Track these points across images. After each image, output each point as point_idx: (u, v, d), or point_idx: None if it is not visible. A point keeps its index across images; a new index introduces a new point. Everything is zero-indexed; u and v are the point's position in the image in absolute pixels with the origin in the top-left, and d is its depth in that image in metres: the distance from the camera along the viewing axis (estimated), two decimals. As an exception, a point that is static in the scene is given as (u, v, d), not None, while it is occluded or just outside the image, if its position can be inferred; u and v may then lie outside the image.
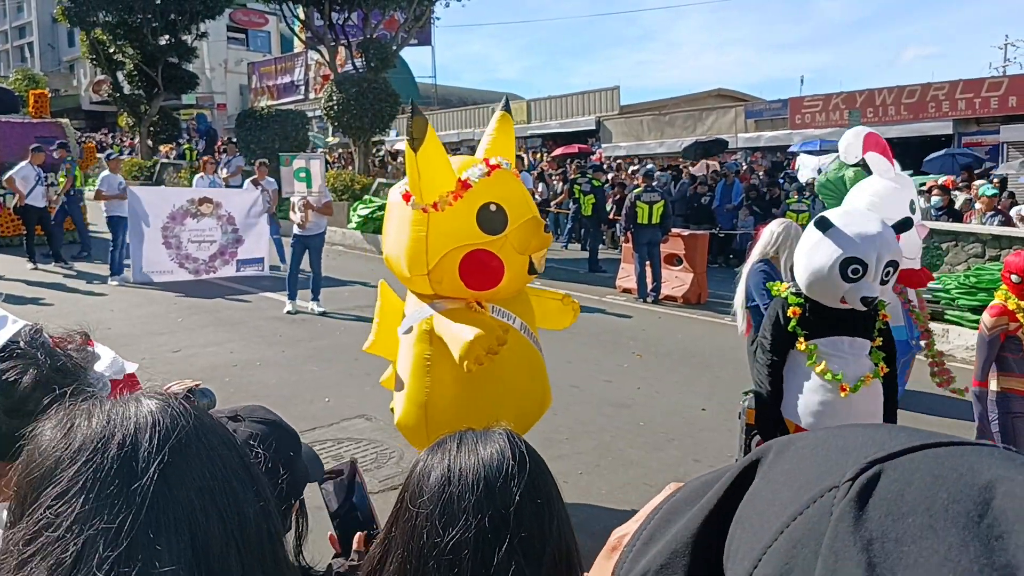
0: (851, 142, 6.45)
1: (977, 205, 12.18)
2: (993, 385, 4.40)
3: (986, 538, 0.42)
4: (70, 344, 1.31)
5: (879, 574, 0.44)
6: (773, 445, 0.56)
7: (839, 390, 3.75)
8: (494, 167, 4.10)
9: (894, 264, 3.66)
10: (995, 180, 14.30)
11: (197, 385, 2.07)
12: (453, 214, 3.94)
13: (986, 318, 4.33)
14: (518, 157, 20.52)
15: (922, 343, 5.44)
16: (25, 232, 13.80)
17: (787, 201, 14.07)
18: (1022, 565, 0.41)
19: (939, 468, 0.46)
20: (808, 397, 3.83)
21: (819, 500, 0.48)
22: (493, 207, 3.97)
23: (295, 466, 1.58)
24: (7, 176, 13.30)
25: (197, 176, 15.31)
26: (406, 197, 4.08)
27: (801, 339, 3.82)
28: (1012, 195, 14.75)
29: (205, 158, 16.39)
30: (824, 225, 3.69)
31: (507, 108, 4.81)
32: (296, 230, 10.12)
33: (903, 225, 3.91)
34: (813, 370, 3.80)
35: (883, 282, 3.66)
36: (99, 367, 1.35)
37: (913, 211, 5.20)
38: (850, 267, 3.57)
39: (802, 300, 3.84)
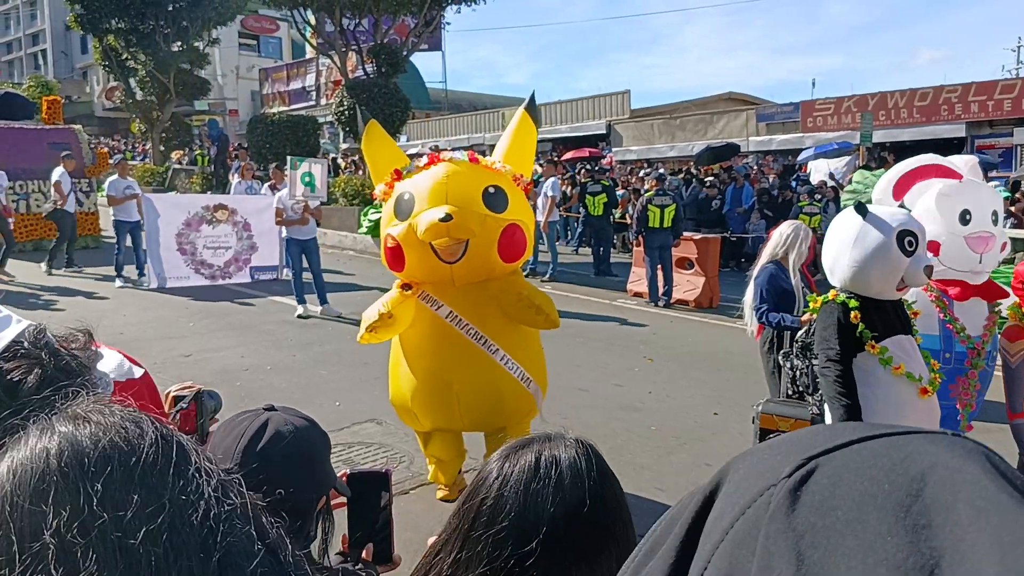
0: (883, 189, 5.46)
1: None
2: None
3: (913, 526, 0.41)
4: (74, 344, 1.30)
5: (808, 568, 0.43)
6: (736, 457, 0.56)
7: (919, 392, 3.59)
8: (434, 159, 4.44)
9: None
10: (1009, 183, 14.19)
11: (193, 387, 2.06)
12: (387, 202, 4.52)
13: (1007, 344, 4.07)
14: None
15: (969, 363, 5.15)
16: (58, 237, 13.93)
17: (799, 204, 14.02)
18: (947, 551, 0.40)
19: (874, 459, 0.46)
20: (888, 403, 3.58)
21: (758, 499, 0.48)
22: (407, 196, 4.33)
23: (327, 463, 1.59)
24: (55, 180, 13.42)
25: (236, 181, 15.59)
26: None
27: (871, 342, 3.61)
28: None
29: (244, 165, 16.64)
30: (863, 210, 3.62)
31: (532, 106, 4.86)
32: (293, 232, 10.14)
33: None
34: (890, 373, 3.59)
35: None
36: (104, 368, 1.34)
37: (966, 222, 5.01)
38: (906, 239, 3.52)
39: (858, 303, 3.64)
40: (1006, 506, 0.41)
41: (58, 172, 13.52)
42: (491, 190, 4.32)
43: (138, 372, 1.50)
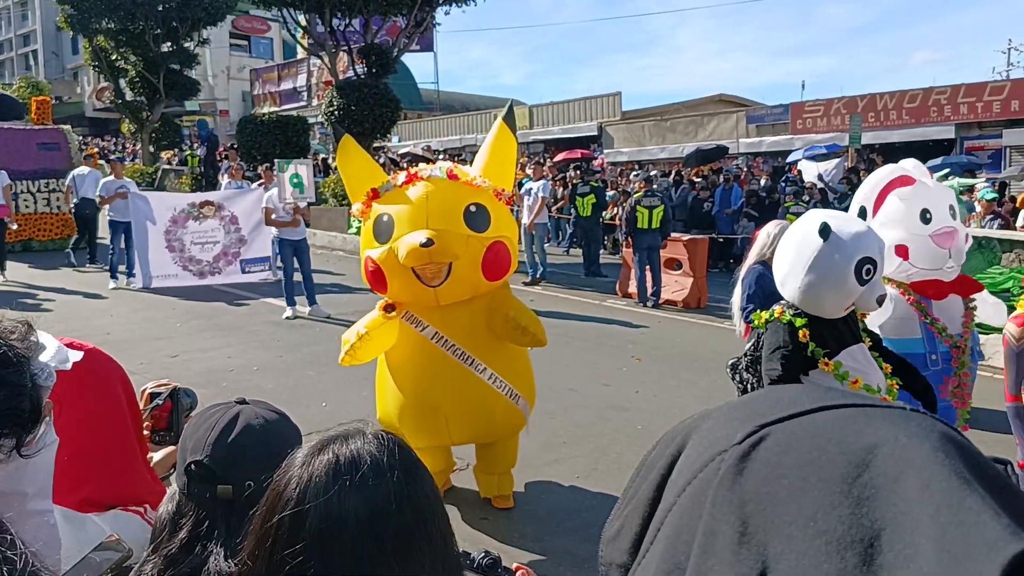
0: (867, 195, 5.32)
1: (977, 208, 12.14)
2: None
3: (857, 499, 0.41)
4: (13, 335, 1.29)
5: (750, 534, 0.44)
6: (701, 415, 0.56)
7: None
8: (412, 178, 4.33)
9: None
10: (995, 184, 14.26)
11: (169, 384, 2.06)
12: (365, 222, 4.42)
13: (1012, 328, 4.02)
14: (520, 165, 20.55)
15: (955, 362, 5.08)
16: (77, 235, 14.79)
17: (785, 204, 14.09)
18: (888, 524, 0.40)
19: (826, 430, 0.46)
20: None
21: (709, 464, 0.49)
22: (385, 217, 4.25)
23: None
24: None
25: (225, 181, 15.62)
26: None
27: (824, 359, 3.57)
28: (1014, 199, 14.73)
29: (234, 165, 16.61)
30: (826, 232, 3.45)
31: (510, 116, 4.80)
32: (284, 233, 10.12)
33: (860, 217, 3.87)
34: (848, 388, 3.55)
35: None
36: (43, 357, 1.33)
37: (927, 220, 5.01)
38: (864, 267, 3.42)
39: (806, 320, 3.58)
40: (952, 485, 0.41)
41: (90, 172, 14.15)
42: (472, 208, 4.23)
43: (73, 359, 1.49)
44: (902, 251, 4.88)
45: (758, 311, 3.95)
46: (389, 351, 4.47)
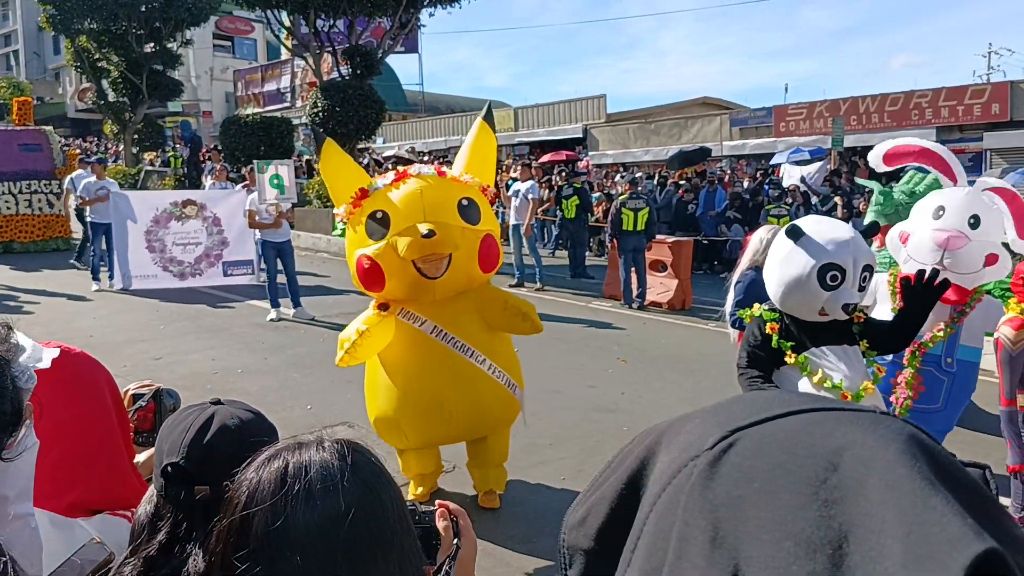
0: (876, 155, 5.38)
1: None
2: (1021, 401, 4.06)
3: (825, 501, 0.42)
4: None
5: (722, 538, 0.44)
6: (675, 422, 0.57)
7: (840, 399, 3.62)
8: (401, 176, 4.37)
9: (869, 269, 3.57)
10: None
11: (152, 385, 2.04)
12: (354, 220, 4.37)
13: (1008, 332, 3.96)
14: (505, 166, 20.56)
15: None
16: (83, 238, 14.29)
17: (767, 207, 14.22)
18: (856, 526, 0.40)
19: (795, 434, 0.47)
20: None
21: (682, 470, 0.50)
22: (379, 214, 4.25)
23: None
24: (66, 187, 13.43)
25: (209, 183, 15.52)
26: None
27: (789, 352, 3.66)
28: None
29: (218, 166, 16.50)
30: (796, 233, 3.55)
31: (489, 116, 4.84)
32: (268, 235, 10.06)
33: (869, 230, 3.85)
34: (810, 381, 3.63)
35: (861, 288, 3.59)
36: (23, 359, 1.32)
37: (938, 217, 5.00)
38: (828, 274, 3.45)
39: (778, 315, 3.70)
40: (917, 486, 0.41)
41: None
42: (464, 202, 4.32)
43: (49, 356, 1.47)
44: (904, 238, 4.89)
45: (746, 309, 3.99)
46: (384, 351, 4.43)
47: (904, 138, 5.34)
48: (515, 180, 14.17)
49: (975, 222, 4.90)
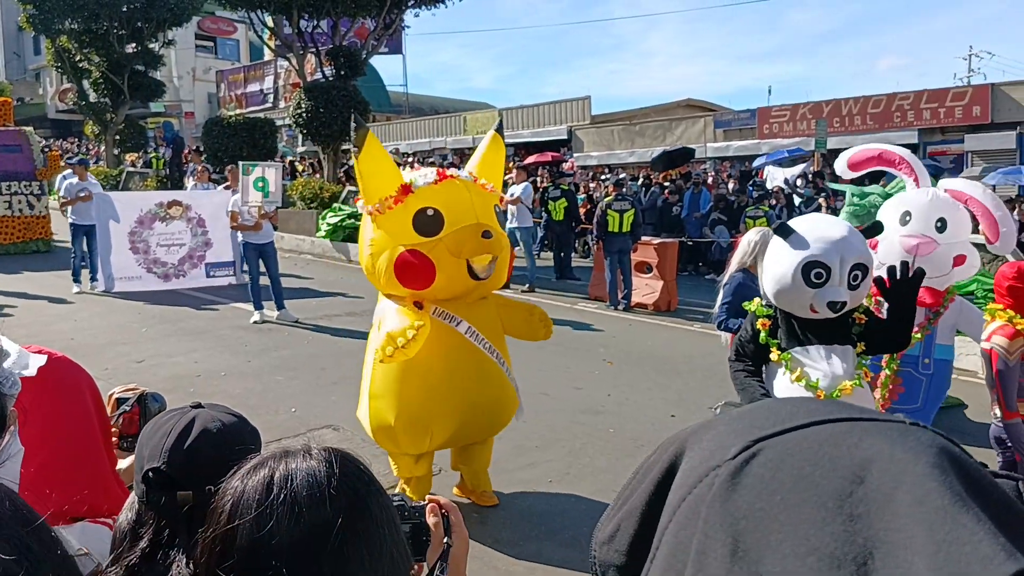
0: (840, 165, 5.63)
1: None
2: (999, 411, 4.00)
3: (850, 515, 0.40)
4: None
5: (743, 551, 0.43)
6: (699, 427, 0.55)
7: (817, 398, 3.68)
8: (444, 176, 4.37)
9: (862, 267, 3.58)
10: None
11: (137, 389, 2.00)
12: (393, 217, 4.26)
13: (1002, 342, 3.92)
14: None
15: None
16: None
17: (746, 209, 14.36)
18: (882, 543, 0.39)
19: (820, 445, 0.45)
20: None
21: (704, 479, 0.48)
22: (431, 211, 4.22)
23: None
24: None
25: (191, 184, 15.41)
26: (355, 201, 4.53)
27: (774, 349, 3.76)
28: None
29: (200, 168, 16.34)
30: (785, 231, 3.62)
31: (500, 127, 5.03)
32: (249, 237, 9.98)
33: (872, 230, 3.84)
34: (790, 378, 3.71)
35: (852, 287, 3.60)
36: (7, 364, 1.29)
37: (905, 223, 5.07)
38: (813, 271, 3.49)
39: (771, 312, 3.79)
40: (946, 502, 0.40)
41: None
42: (496, 208, 4.52)
43: (36, 364, 1.44)
44: (873, 245, 4.95)
45: (748, 303, 4.05)
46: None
47: (863, 145, 5.42)
48: (508, 183, 14.17)
49: (942, 225, 4.98)
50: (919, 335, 5.16)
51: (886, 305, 3.70)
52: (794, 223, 3.71)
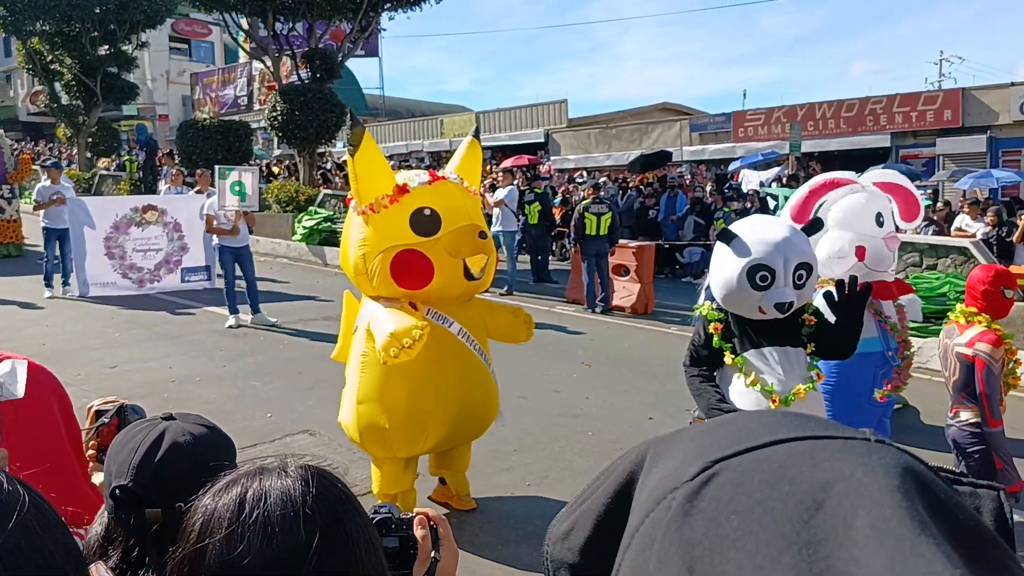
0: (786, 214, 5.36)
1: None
2: (967, 416, 4.00)
3: (807, 543, 0.39)
4: None
5: None
6: (658, 441, 0.54)
7: (771, 402, 3.69)
8: (437, 177, 4.39)
9: (806, 267, 3.62)
10: (928, 191, 14.70)
11: (116, 401, 1.97)
12: (389, 216, 4.25)
13: (986, 348, 3.86)
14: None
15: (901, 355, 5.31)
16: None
17: (716, 212, 14.56)
18: (840, 573, 0.37)
19: (780, 467, 0.43)
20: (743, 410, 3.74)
21: (662, 502, 0.46)
22: (427, 211, 4.24)
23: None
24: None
25: (165, 187, 15.22)
26: (347, 201, 4.50)
27: (728, 353, 3.78)
28: (948, 204, 15.17)
29: (175, 171, 16.14)
30: (727, 237, 3.67)
31: (477, 134, 5.08)
32: (225, 240, 9.88)
33: (812, 227, 3.88)
34: (744, 383, 3.74)
35: (797, 286, 3.62)
36: None
37: (881, 224, 5.16)
38: (758, 274, 3.54)
39: (722, 316, 3.82)
40: (906, 529, 0.38)
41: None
42: (484, 211, 4.62)
43: (21, 380, 1.41)
44: (860, 252, 5.02)
45: (699, 305, 4.08)
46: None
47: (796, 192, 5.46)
48: (496, 186, 14.14)
49: (880, 219, 5.17)
50: (907, 322, 5.36)
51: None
52: (735, 227, 3.76)
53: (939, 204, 14.86)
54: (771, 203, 16.13)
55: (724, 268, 3.65)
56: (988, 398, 3.84)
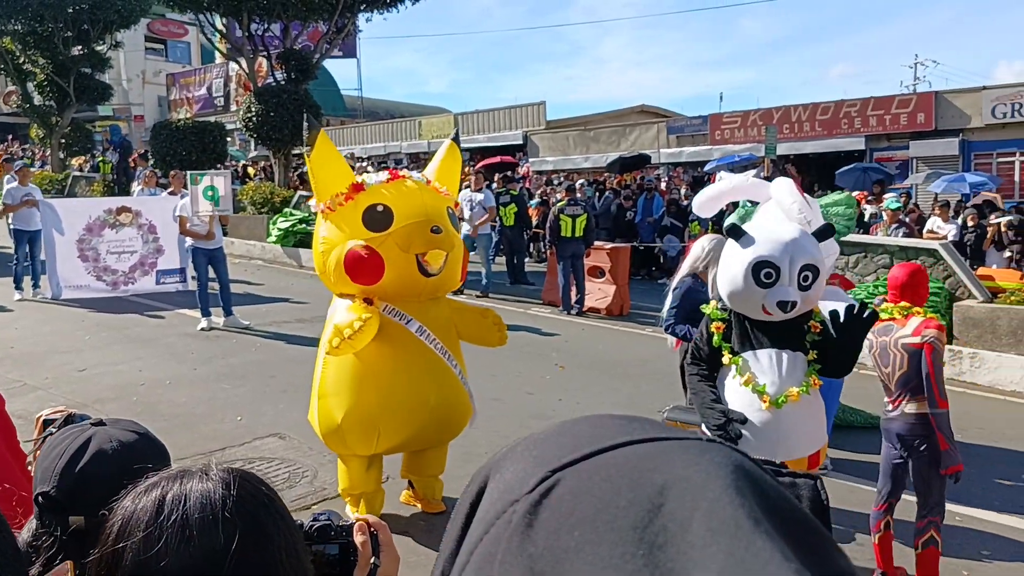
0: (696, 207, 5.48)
1: (884, 217, 12.64)
2: (912, 408, 4.01)
3: (649, 547, 0.39)
4: None
5: None
6: (503, 454, 0.52)
7: (763, 402, 3.69)
8: (396, 175, 4.47)
9: (812, 268, 3.61)
10: (902, 195, 14.85)
11: (64, 411, 1.94)
12: (344, 213, 4.33)
13: (935, 334, 3.93)
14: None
15: None
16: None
17: (691, 214, 14.56)
18: (682, 574, 0.37)
19: (619, 472, 0.43)
20: (739, 409, 3.75)
21: (502, 516, 0.45)
22: (380, 208, 4.29)
23: None
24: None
25: (139, 189, 15.05)
26: (308, 200, 4.48)
27: (726, 352, 3.79)
28: (918, 206, 15.32)
29: (148, 172, 15.96)
30: (736, 232, 3.66)
31: (456, 138, 5.15)
32: (199, 242, 9.79)
33: (824, 232, 3.85)
34: (739, 382, 3.74)
35: (802, 287, 3.62)
36: None
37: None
38: (762, 271, 3.53)
39: (726, 315, 3.82)
40: (740, 528, 0.38)
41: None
42: (449, 210, 4.56)
43: None
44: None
45: (706, 304, 4.06)
46: (361, 350, 4.35)
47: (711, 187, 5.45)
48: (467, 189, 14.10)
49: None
50: None
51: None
52: (746, 224, 3.76)
53: (910, 206, 15.00)
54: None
55: (730, 264, 3.67)
56: (937, 380, 3.92)
